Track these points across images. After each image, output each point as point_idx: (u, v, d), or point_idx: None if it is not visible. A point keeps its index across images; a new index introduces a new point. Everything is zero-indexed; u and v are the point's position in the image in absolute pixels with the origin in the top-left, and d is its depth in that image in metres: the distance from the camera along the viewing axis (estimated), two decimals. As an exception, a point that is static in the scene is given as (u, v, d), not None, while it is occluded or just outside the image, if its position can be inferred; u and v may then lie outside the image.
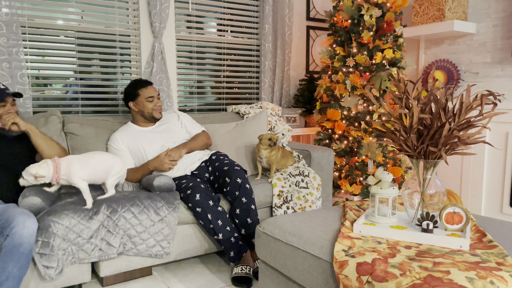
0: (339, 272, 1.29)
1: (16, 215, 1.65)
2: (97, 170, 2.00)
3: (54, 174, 1.89)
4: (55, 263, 1.76)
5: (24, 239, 1.63)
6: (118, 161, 2.10)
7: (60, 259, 1.78)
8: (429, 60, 3.39)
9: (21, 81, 2.46)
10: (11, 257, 1.62)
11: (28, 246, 1.65)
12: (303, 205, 2.50)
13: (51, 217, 1.78)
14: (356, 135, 2.96)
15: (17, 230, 1.61)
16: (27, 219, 1.65)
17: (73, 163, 1.93)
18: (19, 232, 1.62)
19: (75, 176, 1.92)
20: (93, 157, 2.02)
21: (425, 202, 1.52)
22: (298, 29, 3.73)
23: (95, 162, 2.00)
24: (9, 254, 1.61)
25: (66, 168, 1.91)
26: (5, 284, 1.62)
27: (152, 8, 2.85)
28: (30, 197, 1.85)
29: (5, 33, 2.39)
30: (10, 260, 1.62)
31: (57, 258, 1.77)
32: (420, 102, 1.50)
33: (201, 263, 2.36)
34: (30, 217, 1.68)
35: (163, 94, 2.96)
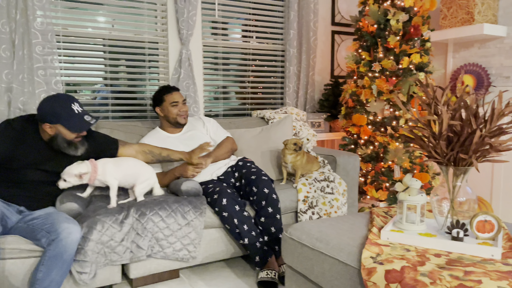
0: (367, 279, 1.29)
1: (62, 222, 1.71)
2: (126, 173, 2.09)
3: (92, 173, 2.00)
4: (88, 268, 1.81)
5: (68, 247, 1.69)
6: (147, 169, 2.18)
7: (94, 263, 1.83)
8: (458, 64, 3.33)
9: (55, 88, 2.56)
10: (55, 264, 1.68)
11: (71, 254, 1.71)
12: (329, 211, 2.49)
13: (85, 223, 1.85)
14: (382, 141, 2.93)
15: (62, 237, 1.67)
16: (72, 226, 1.71)
17: (108, 164, 2.06)
18: (64, 240, 1.68)
19: (109, 174, 2.04)
20: (124, 161, 2.13)
21: (455, 210, 1.50)
22: (323, 34, 3.73)
23: (126, 166, 2.10)
24: (53, 260, 1.68)
25: (102, 168, 2.03)
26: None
27: (179, 15, 2.91)
28: (68, 203, 1.92)
29: (41, 42, 2.49)
30: (54, 266, 1.68)
31: (91, 263, 1.82)
32: (449, 108, 1.49)
33: (227, 267, 2.38)
34: (75, 225, 1.73)
35: (189, 99, 3.02)
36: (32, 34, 2.45)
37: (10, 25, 2.42)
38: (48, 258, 1.68)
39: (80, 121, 1.90)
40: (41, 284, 1.68)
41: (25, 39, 2.47)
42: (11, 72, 2.45)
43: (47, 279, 1.68)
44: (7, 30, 2.40)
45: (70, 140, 1.93)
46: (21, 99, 2.48)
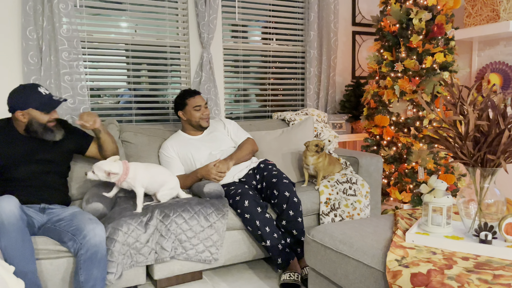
0: (392, 282, 1.27)
1: (86, 224, 1.77)
2: (154, 181, 2.14)
3: (122, 175, 2.04)
4: (114, 268, 1.85)
5: (98, 247, 1.74)
6: (174, 180, 2.24)
7: (120, 264, 1.87)
8: (483, 63, 3.25)
9: (81, 92, 2.62)
10: (92, 265, 1.74)
11: (103, 252, 1.77)
12: (351, 213, 2.47)
13: (111, 225, 1.89)
14: (405, 142, 2.89)
15: (89, 239, 1.73)
16: (96, 227, 1.76)
17: (139, 169, 2.11)
18: (92, 241, 1.73)
19: (138, 181, 2.08)
20: (154, 168, 2.18)
21: (482, 212, 1.46)
22: (344, 35, 3.71)
23: (154, 173, 2.15)
24: (89, 262, 1.73)
25: (133, 172, 2.07)
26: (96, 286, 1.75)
27: (200, 19, 2.94)
28: (94, 203, 1.97)
29: (67, 48, 2.55)
30: (92, 267, 1.74)
31: (117, 263, 1.86)
32: (476, 108, 1.45)
33: (250, 269, 2.39)
34: (98, 224, 1.78)
35: (211, 102, 3.04)
36: (59, 41, 2.52)
37: (37, 32, 2.50)
38: (83, 262, 1.73)
39: (48, 101, 1.95)
40: (87, 285, 1.74)
41: (51, 45, 2.54)
42: (38, 78, 2.52)
43: (90, 279, 1.74)
44: (35, 37, 2.48)
45: (44, 124, 1.96)
46: (48, 104, 2.55)
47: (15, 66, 2.52)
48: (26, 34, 2.45)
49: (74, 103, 2.62)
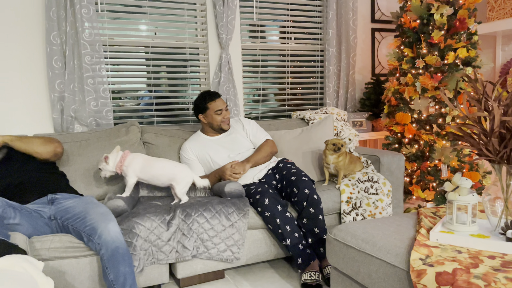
0: (416, 282, 1.26)
1: (99, 222, 1.78)
2: (157, 174, 2.18)
3: (118, 163, 2.15)
4: (137, 262, 1.89)
5: (116, 243, 1.75)
6: (181, 169, 2.23)
7: (142, 259, 1.91)
8: (508, 57, 3.17)
9: (103, 95, 2.68)
10: (117, 262, 1.75)
11: (123, 247, 1.78)
12: (373, 212, 2.45)
13: (135, 219, 1.93)
14: (427, 139, 2.84)
15: (105, 238, 1.74)
16: (108, 223, 1.77)
17: (138, 159, 2.18)
18: (109, 239, 1.74)
19: (131, 169, 2.15)
20: (158, 161, 2.22)
21: (509, 210, 1.43)
22: (363, 32, 3.67)
23: (157, 167, 2.19)
24: (114, 260, 1.75)
25: (130, 160, 2.17)
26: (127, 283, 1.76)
27: (219, 20, 2.96)
28: (115, 200, 2.01)
29: (89, 52, 2.61)
30: (117, 264, 1.75)
31: (139, 257, 1.90)
32: (501, 103, 1.42)
33: (271, 268, 2.39)
34: (110, 220, 1.79)
35: (230, 103, 3.06)
36: (82, 45, 2.57)
37: (61, 37, 2.56)
38: (107, 260, 1.75)
39: None
40: (118, 282, 1.75)
41: (75, 50, 2.60)
42: (62, 81, 2.59)
43: (120, 276, 1.75)
44: (58, 42, 2.55)
45: None
46: (73, 107, 2.62)
47: (40, 71, 2.59)
48: (50, 39, 2.51)
49: (97, 105, 2.67)
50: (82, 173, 2.34)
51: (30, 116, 2.59)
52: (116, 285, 1.75)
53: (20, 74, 2.55)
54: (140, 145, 2.56)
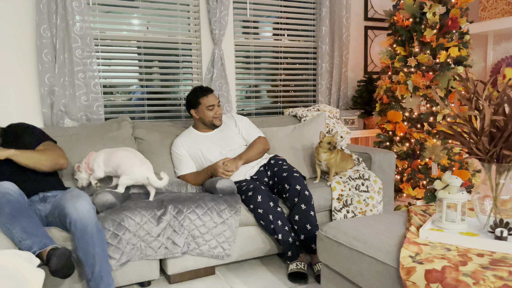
0: (406, 279, 1.27)
1: (66, 202, 1.73)
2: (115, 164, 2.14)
3: (84, 164, 2.19)
4: (118, 255, 1.87)
5: (84, 220, 1.69)
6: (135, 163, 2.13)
7: (125, 252, 1.89)
8: (499, 57, 3.20)
9: (94, 90, 2.65)
10: (85, 241, 1.69)
11: (92, 224, 1.70)
12: (364, 209, 2.46)
13: (125, 212, 1.92)
14: (418, 137, 2.86)
15: (73, 216, 1.69)
16: (76, 202, 1.71)
17: (101, 154, 2.21)
18: (76, 216, 1.68)
19: (96, 164, 2.18)
20: (119, 152, 2.19)
21: (498, 208, 1.45)
22: (356, 30, 3.68)
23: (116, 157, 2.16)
24: (81, 239, 1.69)
25: (94, 157, 2.20)
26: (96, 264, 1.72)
27: (212, 16, 2.94)
28: (104, 193, 1.99)
29: (80, 46, 2.58)
30: (86, 244, 1.70)
31: (122, 251, 1.88)
32: (492, 103, 1.43)
33: (262, 265, 2.40)
34: (79, 198, 1.73)
35: (222, 99, 3.05)
36: (72, 39, 2.54)
37: (51, 30, 2.53)
38: (77, 240, 1.70)
39: None
40: (87, 263, 1.71)
41: (65, 43, 2.57)
42: (53, 75, 2.55)
43: (89, 257, 1.71)
44: (49, 35, 2.51)
45: None
46: (63, 102, 2.59)
47: (30, 64, 2.55)
48: (40, 32, 2.48)
49: (87, 100, 2.64)
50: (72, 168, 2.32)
51: (19, 110, 2.55)
52: (87, 266, 1.70)
53: (10, 67, 2.51)
54: (131, 141, 2.54)
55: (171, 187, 2.39)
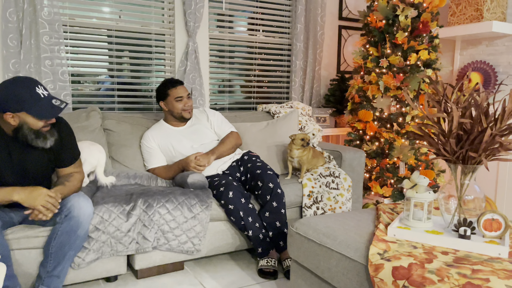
0: (374, 275, 1.29)
1: (72, 197, 1.69)
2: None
3: None
4: (84, 253, 1.82)
5: (81, 222, 1.67)
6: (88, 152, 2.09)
7: (92, 251, 1.84)
8: (465, 62, 3.31)
9: (62, 78, 2.56)
10: (68, 239, 1.67)
11: (84, 229, 1.69)
12: (333, 206, 2.50)
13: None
14: (388, 137, 2.93)
15: (75, 213, 1.65)
16: (83, 201, 1.69)
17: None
18: (77, 215, 1.65)
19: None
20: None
21: (462, 208, 1.50)
22: (330, 29, 3.71)
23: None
24: (66, 236, 1.66)
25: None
26: (61, 264, 1.69)
27: (187, 7, 2.89)
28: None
29: (48, 32, 2.48)
30: (66, 242, 1.67)
31: (89, 249, 1.83)
32: (459, 106, 1.48)
33: (232, 260, 2.39)
34: (85, 199, 1.71)
35: (195, 92, 3.01)
36: (40, 24, 2.44)
37: (17, 14, 2.41)
38: (60, 234, 1.66)
39: (47, 106, 1.64)
40: (55, 259, 1.68)
41: (32, 28, 2.46)
42: (18, 61, 2.45)
43: (59, 253, 1.68)
44: (15, 19, 2.40)
45: (37, 130, 1.67)
46: (28, 89, 2.48)
47: (-7, 49, 2.43)
48: (6, 16, 2.36)
49: (55, 88, 2.55)
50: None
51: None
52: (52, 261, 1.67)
53: (-29, 51, 2.38)
54: (100, 132, 2.47)
55: (140, 180, 2.35)
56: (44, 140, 1.69)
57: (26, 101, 1.60)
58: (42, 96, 1.64)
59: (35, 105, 1.61)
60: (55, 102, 1.66)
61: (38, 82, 1.66)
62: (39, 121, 1.65)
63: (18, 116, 1.62)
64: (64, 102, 1.68)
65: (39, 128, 1.67)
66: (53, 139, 1.73)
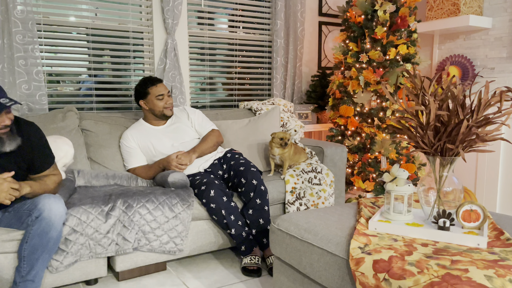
0: (355, 269, 1.29)
1: (43, 198, 1.65)
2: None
3: None
4: (61, 257, 1.78)
5: (53, 223, 1.63)
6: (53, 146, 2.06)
7: (70, 253, 1.80)
8: (444, 56, 3.35)
9: (37, 78, 2.49)
10: (40, 242, 1.62)
11: (56, 230, 1.65)
12: (316, 202, 2.50)
13: (69, 211, 1.81)
14: (369, 132, 2.95)
15: (45, 214, 1.61)
16: (53, 201, 1.64)
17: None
18: (48, 216, 1.61)
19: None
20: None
21: (441, 200, 1.51)
22: (310, 25, 3.71)
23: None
24: (38, 238, 1.62)
25: None
26: (35, 267, 1.65)
27: (165, 4, 2.85)
28: None
29: (21, 31, 2.41)
30: (39, 245, 1.63)
31: (67, 252, 1.79)
32: (437, 98, 1.49)
33: (215, 259, 2.37)
34: (56, 199, 1.66)
35: (175, 90, 2.97)
36: (12, 23, 2.37)
37: (-12, 13, 2.34)
38: (32, 236, 1.62)
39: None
40: (28, 263, 1.64)
41: (5, 27, 2.39)
42: (-10, 61, 2.37)
43: (32, 257, 1.63)
44: (-14, 18, 2.33)
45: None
46: (1, 90, 2.41)
47: (-37, 49, 2.36)
48: (-25, 14, 2.29)
49: (29, 89, 2.48)
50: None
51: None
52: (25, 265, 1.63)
53: None
54: (78, 132, 2.41)
55: (120, 181, 2.31)
56: (1, 144, 1.61)
57: None
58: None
59: None
60: (3, 100, 1.56)
61: None
62: None
63: None
64: (13, 101, 1.58)
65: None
66: (15, 143, 1.65)
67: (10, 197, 1.59)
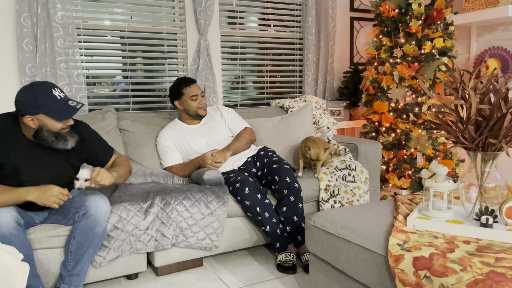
0: (394, 266, 1.28)
1: (90, 196, 1.75)
2: None
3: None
4: (104, 252, 1.86)
5: (98, 220, 1.72)
6: None
7: (112, 249, 1.87)
8: (482, 48, 3.24)
9: (77, 80, 2.59)
10: (86, 238, 1.72)
11: (102, 227, 1.74)
12: (351, 199, 2.48)
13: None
14: (404, 128, 2.89)
15: (92, 211, 1.71)
16: (100, 199, 1.74)
17: None
18: (94, 213, 1.71)
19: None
20: None
21: (483, 196, 1.47)
22: (342, 21, 3.67)
23: None
24: (84, 234, 1.71)
25: None
26: (80, 262, 1.74)
27: (197, 5, 2.90)
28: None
29: (62, 35, 2.52)
30: (85, 240, 1.72)
31: (110, 248, 1.86)
32: (478, 92, 1.45)
33: (250, 255, 2.40)
34: (102, 197, 1.76)
35: (208, 90, 3.02)
36: (54, 28, 2.48)
37: (31, 19, 2.45)
38: (79, 232, 1.71)
39: (64, 107, 1.66)
40: (74, 257, 1.73)
41: (47, 32, 2.50)
42: (34, 65, 2.49)
43: (79, 252, 1.73)
44: (29, 24, 2.44)
45: (57, 132, 1.70)
46: (45, 92, 2.52)
47: (10, 54, 2.48)
48: (20, 21, 2.41)
49: (70, 91, 2.59)
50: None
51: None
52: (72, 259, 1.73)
53: (-12, 57, 2.43)
54: (116, 132, 2.50)
55: (157, 178, 2.37)
56: (64, 142, 1.72)
57: (44, 103, 1.64)
58: (59, 97, 1.68)
59: (52, 107, 1.65)
60: (71, 103, 1.69)
61: (54, 85, 1.70)
62: (58, 123, 1.69)
63: (37, 118, 1.66)
64: (80, 103, 1.71)
65: (59, 130, 1.70)
66: (74, 140, 1.77)
67: (59, 201, 1.68)
